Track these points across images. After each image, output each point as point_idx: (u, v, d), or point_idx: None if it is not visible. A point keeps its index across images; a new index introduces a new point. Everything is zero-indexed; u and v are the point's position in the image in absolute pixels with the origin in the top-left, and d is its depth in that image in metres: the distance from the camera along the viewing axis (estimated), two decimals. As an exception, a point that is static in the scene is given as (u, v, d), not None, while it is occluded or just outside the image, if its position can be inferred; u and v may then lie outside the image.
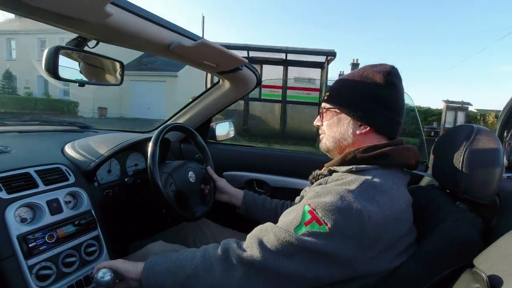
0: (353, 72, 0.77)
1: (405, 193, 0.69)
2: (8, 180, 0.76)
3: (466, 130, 0.71)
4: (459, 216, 0.66)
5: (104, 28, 0.74)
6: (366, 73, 0.74)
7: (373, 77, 0.72)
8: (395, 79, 0.73)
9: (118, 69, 0.96)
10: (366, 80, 0.73)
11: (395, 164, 0.70)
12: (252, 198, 1.10)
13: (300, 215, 0.62)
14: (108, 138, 1.12)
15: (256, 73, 1.27)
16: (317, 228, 0.59)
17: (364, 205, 0.59)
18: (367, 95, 0.72)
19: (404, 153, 0.71)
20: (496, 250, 0.54)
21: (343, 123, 0.75)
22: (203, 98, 1.44)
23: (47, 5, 0.61)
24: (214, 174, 1.16)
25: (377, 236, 0.60)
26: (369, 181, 0.63)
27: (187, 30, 0.89)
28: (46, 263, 0.73)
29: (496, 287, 0.45)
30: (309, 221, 0.60)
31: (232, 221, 1.27)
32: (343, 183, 0.65)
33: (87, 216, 0.86)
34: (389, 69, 0.73)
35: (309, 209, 0.61)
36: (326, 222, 0.58)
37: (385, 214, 0.61)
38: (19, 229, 0.71)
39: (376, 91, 0.71)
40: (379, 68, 0.73)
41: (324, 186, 0.66)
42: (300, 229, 0.60)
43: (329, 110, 0.77)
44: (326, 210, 0.59)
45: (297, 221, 0.61)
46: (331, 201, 0.60)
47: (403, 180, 0.71)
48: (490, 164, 0.67)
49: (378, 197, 0.61)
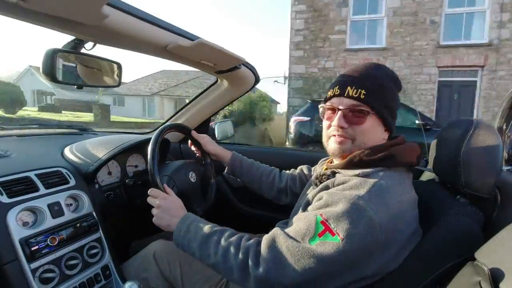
0: (375, 67, 0.73)
1: (411, 193, 0.68)
2: (8, 184, 0.76)
3: (465, 124, 0.71)
4: (460, 210, 0.66)
5: (101, 30, 0.74)
6: (389, 72, 0.73)
7: (392, 74, 0.73)
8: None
9: (115, 70, 0.96)
10: (396, 81, 0.73)
11: (400, 164, 0.69)
12: (239, 162, 1.10)
13: (313, 226, 0.61)
14: (107, 140, 1.12)
15: (254, 72, 1.27)
16: (330, 239, 0.59)
17: (375, 211, 0.59)
18: (396, 98, 0.72)
19: (408, 152, 0.71)
20: (497, 243, 0.55)
21: (377, 129, 0.71)
22: (201, 98, 1.44)
23: (43, 8, 0.61)
24: (200, 136, 1.13)
25: (388, 241, 0.61)
26: (377, 185, 0.62)
27: (184, 30, 0.89)
28: (49, 266, 0.74)
29: (497, 280, 0.46)
30: (322, 232, 0.60)
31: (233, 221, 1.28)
32: (351, 187, 0.63)
33: (89, 218, 0.87)
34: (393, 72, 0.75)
35: (321, 219, 0.61)
36: (339, 232, 0.58)
37: (395, 218, 0.61)
38: (21, 233, 0.71)
39: (397, 96, 0.73)
40: (388, 70, 0.74)
41: (333, 193, 0.64)
42: (314, 241, 0.60)
43: (363, 112, 0.68)
44: (338, 220, 0.59)
45: (311, 233, 0.61)
46: (342, 210, 0.59)
47: (408, 180, 0.71)
48: (490, 158, 0.67)
49: (387, 201, 0.61)
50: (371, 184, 0.62)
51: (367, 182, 0.63)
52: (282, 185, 1.06)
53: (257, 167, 1.11)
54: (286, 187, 1.06)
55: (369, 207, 0.59)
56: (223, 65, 1.13)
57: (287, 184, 1.06)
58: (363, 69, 0.71)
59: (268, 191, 1.09)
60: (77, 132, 1.37)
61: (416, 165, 0.73)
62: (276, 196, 1.08)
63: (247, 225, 1.23)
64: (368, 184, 0.62)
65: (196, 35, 0.91)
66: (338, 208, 0.60)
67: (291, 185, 1.05)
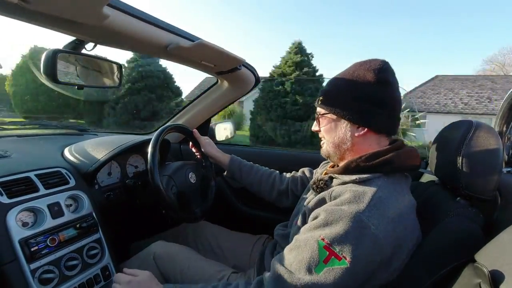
0: (344, 71, 0.74)
1: (409, 200, 0.68)
2: (8, 184, 0.76)
3: (465, 125, 0.71)
4: (460, 211, 0.66)
5: (101, 30, 0.74)
6: (356, 72, 0.71)
7: (364, 76, 0.69)
8: (387, 75, 0.69)
9: (116, 71, 0.96)
10: (358, 80, 0.69)
11: (398, 170, 0.69)
12: (238, 166, 1.10)
13: (316, 253, 0.59)
14: (107, 141, 1.12)
15: (254, 73, 1.27)
16: (338, 264, 0.57)
17: (377, 227, 0.58)
18: (360, 96, 0.69)
19: (407, 157, 0.70)
20: (497, 245, 0.54)
21: (341, 127, 0.73)
22: (202, 99, 1.44)
23: (45, 8, 0.61)
24: (201, 138, 1.15)
25: (394, 254, 0.61)
26: (376, 197, 0.61)
27: (184, 31, 0.89)
28: (48, 267, 0.73)
29: (498, 282, 0.46)
30: (327, 258, 0.57)
31: (232, 222, 1.28)
32: (350, 202, 0.61)
33: (88, 219, 0.86)
34: (380, 65, 0.70)
35: (324, 244, 0.58)
36: (345, 256, 0.56)
37: (398, 228, 0.61)
38: (21, 233, 0.71)
39: (369, 91, 0.68)
40: (369, 65, 0.70)
41: (331, 211, 0.62)
42: (321, 269, 0.57)
43: (324, 115, 0.75)
44: (342, 242, 0.57)
45: (316, 261, 0.58)
46: (344, 230, 0.57)
47: (406, 186, 0.71)
48: (490, 159, 0.67)
49: (387, 213, 0.60)
50: (370, 198, 0.61)
51: (365, 195, 0.61)
52: (283, 188, 1.06)
53: (256, 170, 1.10)
54: (287, 190, 1.06)
55: (371, 222, 0.58)
56: (223, 66, 1.13)
57: (288, 186, 1.06)
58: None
59: (268, 194, 1.09)
60: (77, 132, 1.37)
61: (416, 170, 0.73)
62: (276, 199, 1.08)
63: (247, 226, 1.23)
64: (367, 198, 0.61)
65: (196, 36, 0.91)
66: (340, 228, 0.58)
67: (292, 188, 1.05)
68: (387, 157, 0.67)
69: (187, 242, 1.12)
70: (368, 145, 0.72)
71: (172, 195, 0.96)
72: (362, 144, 0.72)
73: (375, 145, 0.72)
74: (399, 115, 0.74)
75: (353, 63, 0.75)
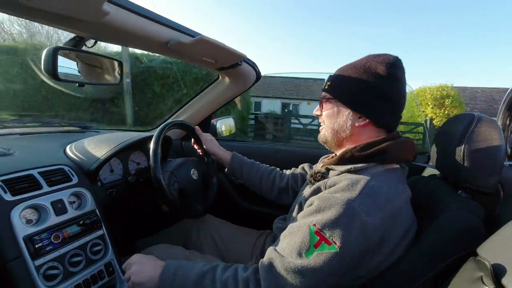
0: (355, 61, 0.74)
1: (403, 189, 0.68)
2: (12, 182, 0.76)
3: (467, 118, 0.71)
4: (462, 204, 0.66)
5: (101, 27, 0.73)
6: (368, 63, 0.71)
7: (375, 68, 0.69)
8: (398, 72, 0.70)
9: (116, 68, 0.96)
10: (368, 71, 0.70)
11: (392, 160, 0.69)
12: (239, 164, 1.11)
13: (307, 238, 0.60)
14: (109, 138, 1.12)
15: (255, 68, 1.27)
16: (327, 249, 0.58)
17: (368, 214, 0.58)
18: (368, 87, 0.69)
19: (401, 147, 0.70)
20: (499, 238, 0.54)
21: (342, 114, 0.73)
22: (203, 95, 1.44)
23: (44, 5, 0.61)
24: (202, 134, 1.16)
25: (382, 241, 0.62)
26: (369, 186, 0.62)
27: (185, 27, 0.89)
28: (53, 263, 0.74)
29: (500, 276, 0.46)
30: (318, 242, 0.59)
31: (234, 216, 1.28)
32: (343, 189, 0.62)
33: (92, 215, 0.87)
34: (392, 60, 0.70)
35: (315, 229, 0.60)
36: (335, 241, 0.58)
37: (388, 217, 0.61)
38: (25, 230, 0.72)
39: (378, 84, 0.69)
40: (382, 58, 0.70)
41: (324, 198, 0.63)
42: (311, 253, 0.59)
43: (329, 101, 0.76)
44: (333, 227, 0.58)
45: (306, 245, 0.60)
46: (335, 216, 0.59)
47: (401, 176, 0.71)
48: (492, 153, 0.67)
49: (379, 202, 0.61)
50: (362, 186, 0.62)
51: (358, 183, 0.62)
52: (283, 185, 1.06)
53: (257, 169, 1.11)
54: (287, 187, 1.06)
55: (362, 209, 0.58)
56: (224, 62, 1.13)
57: (288, 183, 1.06)
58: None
59: (269, 193, 1.09)
60: (79, 130, 1.37)
61: (411, 161, 0.73)
62: (277, 196, 1.08)
63: (249, 222, 1.23)
64: (359, 186, 0.62)
65: (197, 32, 0.91)
66: (331, 215, 0.59)
67: (292, 184, 1.05)
68: (381, 146, 0.68)
69: (191, 237, 1.13)
70: (366, 136, 0.72)
71: (174, 191, 0.96)
72: (361, 135, 0.73)
73: (373, 138, 0.72)
74: (401, 113, 0.74)
75: (367, 54, 0.75)
